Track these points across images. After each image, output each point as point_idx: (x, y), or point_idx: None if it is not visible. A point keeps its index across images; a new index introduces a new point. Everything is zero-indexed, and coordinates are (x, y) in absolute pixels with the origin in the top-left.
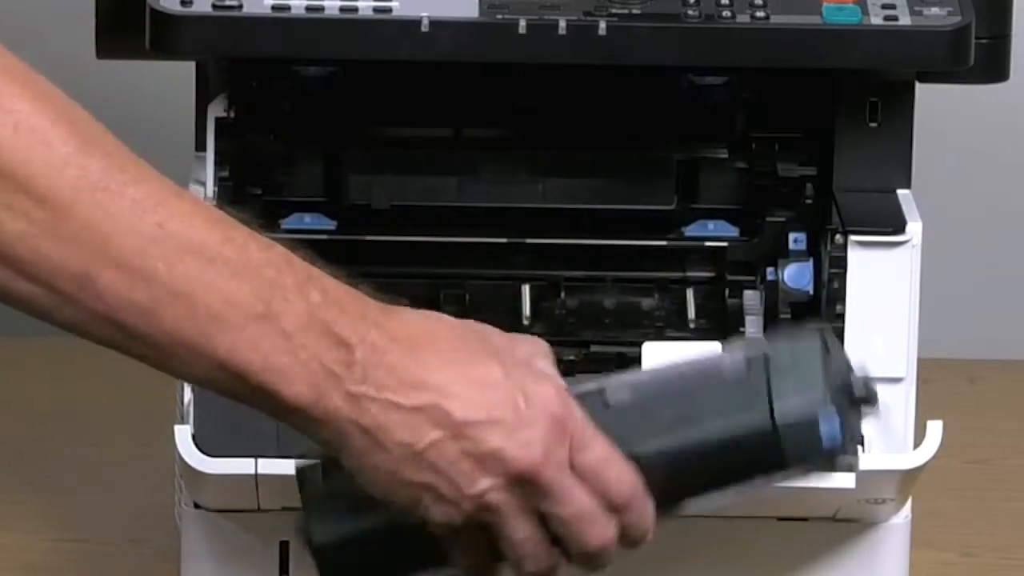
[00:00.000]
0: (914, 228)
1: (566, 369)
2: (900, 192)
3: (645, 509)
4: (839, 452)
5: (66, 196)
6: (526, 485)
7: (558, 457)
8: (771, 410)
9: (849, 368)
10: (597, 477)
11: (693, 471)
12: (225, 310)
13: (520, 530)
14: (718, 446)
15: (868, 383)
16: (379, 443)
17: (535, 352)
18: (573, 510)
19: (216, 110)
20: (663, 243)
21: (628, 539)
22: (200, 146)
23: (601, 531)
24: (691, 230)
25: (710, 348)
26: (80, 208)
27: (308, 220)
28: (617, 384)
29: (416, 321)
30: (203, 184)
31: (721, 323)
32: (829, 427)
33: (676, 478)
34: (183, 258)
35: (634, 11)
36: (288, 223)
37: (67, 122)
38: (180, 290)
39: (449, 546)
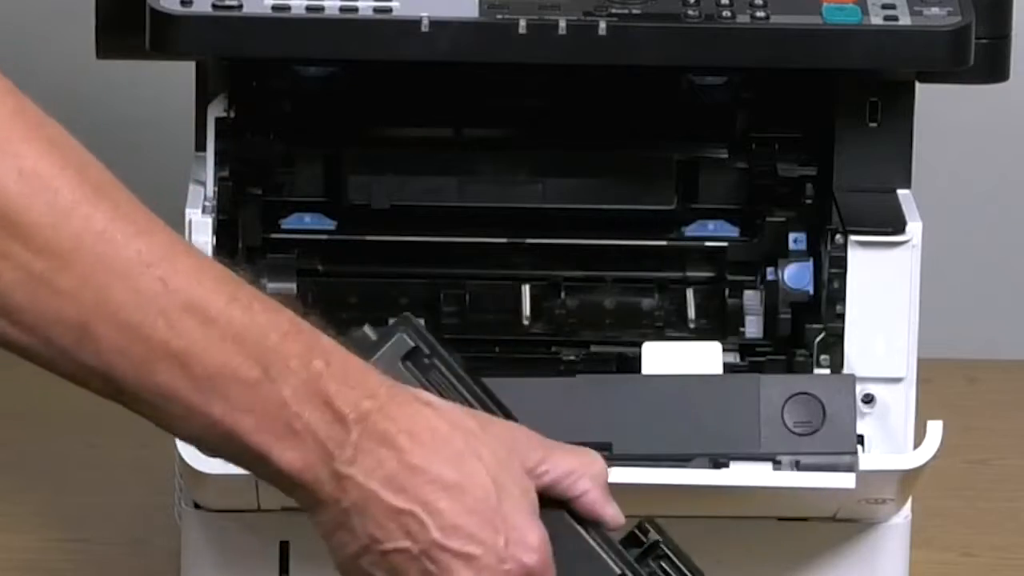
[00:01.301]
0: (914, 228)
1: (566, 369)
2: (900, 192)
3: None
4: None
5: (67, 247)
6: None
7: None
8: None
9: None
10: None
11: None
12: (222, 371)
13: None
14: None
15: None
16: (350, 526)
17: (540, 468)
18: None
19: (216, 110)
20: (663, 243)
21: None
22: (200, 146)
23: None
24: (691, 230)
25: (709, 347)
26: (81, 259)
27: (308, 220)
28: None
29: (421, 413)
30: (203, 184)
31: (721, 323)
32: None
33: None
34: (183, 316)
35: (634, 11)
36: (288, 223)
37: (76, 169)
38: (177, 348)
39: None
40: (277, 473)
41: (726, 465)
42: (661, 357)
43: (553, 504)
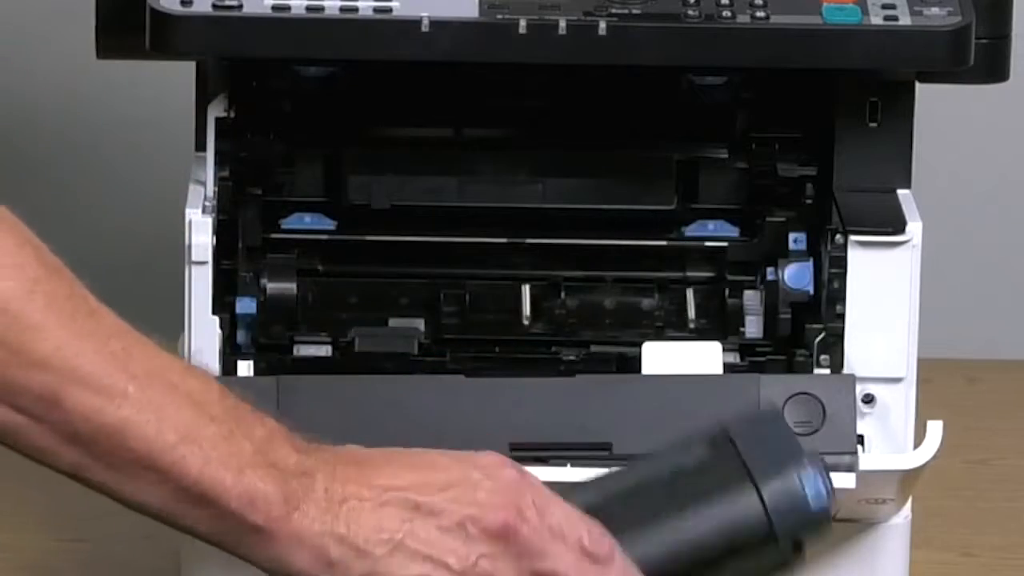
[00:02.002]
0: (914, 228)
1: (566, 369)
2: (900, 192)
3: (628, 567)
4: (826, 511)
5: (36, 320)
6: (510, 546)
7: (529, 514)
8: (753, 484)
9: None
10: (570, 534)
11: (685, 567)
12: (195, 431)
13: None
14: (707, 536)
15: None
16: (359, 550)
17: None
18: (564, 564)
19: (216, 110)
20: (663, 243)
21: None
22: (200, 146)
23: None
24: (691, 230)
25: (709, 347)
26: (50, 330)
27: (308, 220)
28: (582, 490)
29: (362, 449)
30: (203, 184)
31: (721, 323)
32: (813, 486)
33: (667, 570)
34: (151, 381)
35: (634, 11)
36: (288, 223)
37: (32, 247)
38: (149, 412)
39: None
40: (254, 529)
41: None
42: (661, 357)
43: None
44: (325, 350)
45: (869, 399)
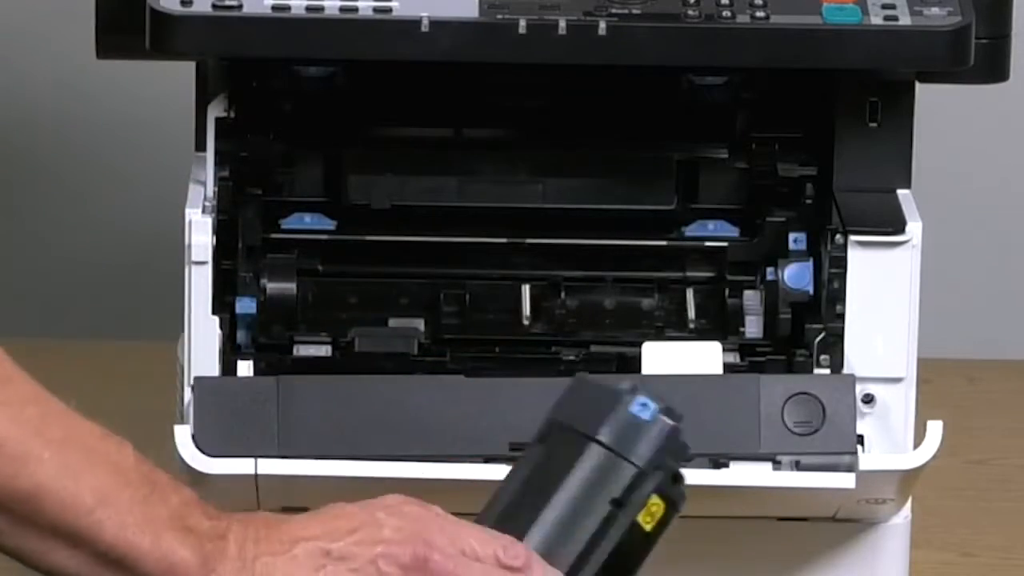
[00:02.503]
0: (914, 228)
1: (566, 369)
2: (900, 192)
3: (548, 570)
4: (665, 424)
5: None
6: (426, 573)
7: (439, 542)
8: (590, 438)
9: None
10: (484, 552)
11: (592, 541)
12: (112, 495)
13: None
14: (587, 505)
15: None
16: None
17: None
18: None
19: (216, 110)
20: (663, 243)
21: None
22: (200, 146)
23: None
24: (691, 230)
25: (709, 347)
26: None
27: (308, 220)
28: (485, 513)
29: (270, 513)
30: (203, 184)
31: (721, 323)
32: (640, 407)
33: (565, 550)
34: (68, 446)
35: (634, 11)
36: (288, 223)
37: None
38: (66, 477)
39: None
40: None
41: (726, 465)
42: (661, 357)
43: None
44: (325, 350)
45: (869, 399)
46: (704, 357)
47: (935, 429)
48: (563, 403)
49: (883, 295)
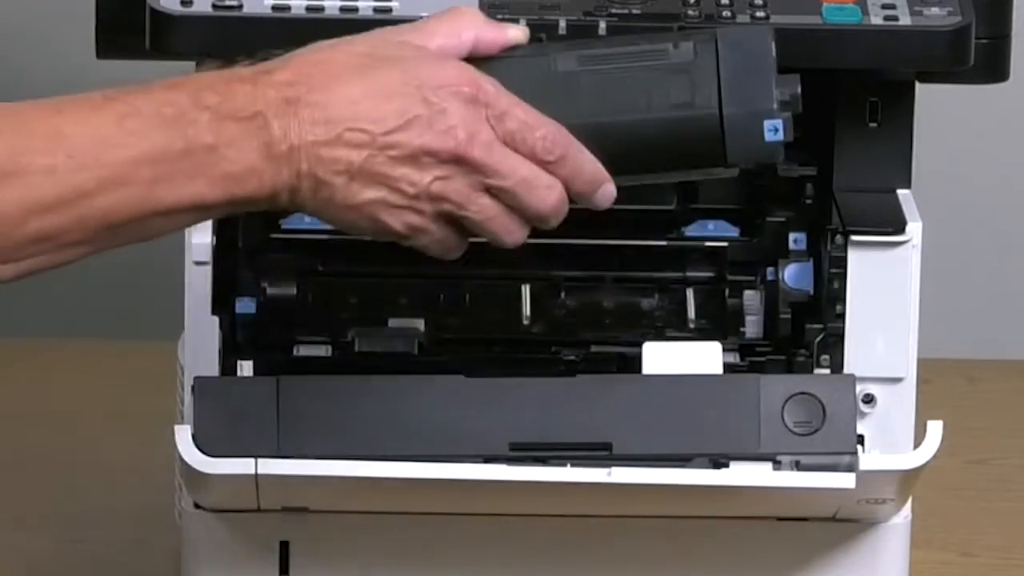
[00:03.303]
0: (914, 228)
1: (566, 369)
2: (900, 192)
3: (580, 161)
4: (777, 152)
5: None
6: (463, 167)
7: (481, 133)
8: (719, 96)
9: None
10: (523, 141)
11: (632, 149)
12: (156, 166)
13: (477, 210)
14: (661, 125)
15: (795, 87)
16: (320, 180)
17: (433, 31)
18: (513, 179)
19: None
20: (663, 243)
21: (577, 193)
22: None
23: (546, 193)
24: (691, 230)
25: (709, 347)
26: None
27: (308, 220)
28: (565, 52)
29: (308, 60)
30: None
31: (721, 323)
32: (773, 124)
33: (615, 153)
34: (93, 148)
35: (634, 11)
36: (288, 223)
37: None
38: (112, 171)
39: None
40: (249, 202)
41: (726, 465)
42: (661, 357)
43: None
44: (325, 350)
45: (869, 399)
46: (704, 357)
47: (935, 429)
48: (733, 46)
49: (883, 295)
